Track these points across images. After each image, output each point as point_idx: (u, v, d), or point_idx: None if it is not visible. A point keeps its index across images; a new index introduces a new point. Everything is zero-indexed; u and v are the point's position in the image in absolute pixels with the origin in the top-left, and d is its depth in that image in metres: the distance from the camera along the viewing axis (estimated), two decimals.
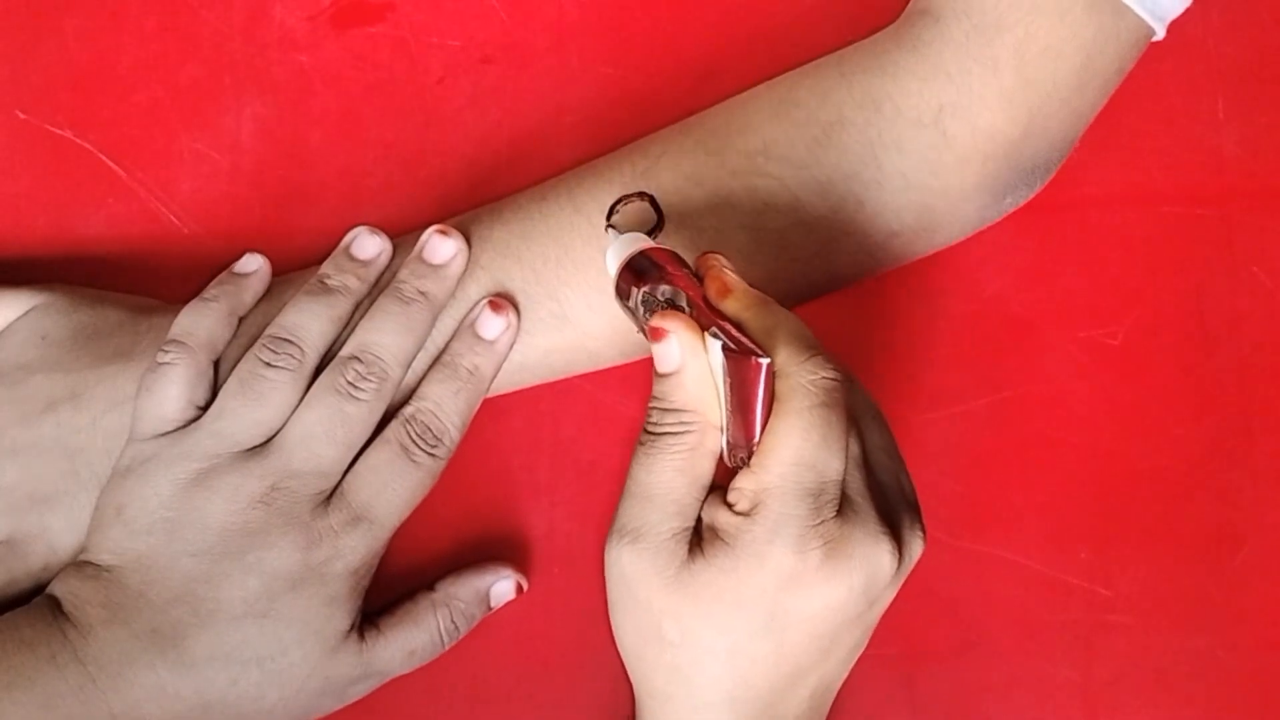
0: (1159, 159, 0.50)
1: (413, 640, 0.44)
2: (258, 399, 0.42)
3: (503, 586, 0.46)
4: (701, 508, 0.38)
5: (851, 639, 0.39)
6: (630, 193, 0.42)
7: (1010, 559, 0.49)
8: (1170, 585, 0.49)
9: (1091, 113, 0.46)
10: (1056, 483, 0.49)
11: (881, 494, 0.39)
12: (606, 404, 0.49)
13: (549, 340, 0.45)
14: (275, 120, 0.50)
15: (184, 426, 0.42)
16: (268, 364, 0.42)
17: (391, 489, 0.42)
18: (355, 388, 0.42)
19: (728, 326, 0.36)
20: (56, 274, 0.49)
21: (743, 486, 0.37)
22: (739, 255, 0.44)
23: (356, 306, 0.44)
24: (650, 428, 0.38)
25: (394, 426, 0.43)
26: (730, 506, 0.37)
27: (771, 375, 0.36)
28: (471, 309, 0.44)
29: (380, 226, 0.49)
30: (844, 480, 0.37)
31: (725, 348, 0.35)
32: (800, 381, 0.36)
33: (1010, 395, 0.50)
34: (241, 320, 0.44)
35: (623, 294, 0.40)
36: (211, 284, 0.45)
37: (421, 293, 0.43)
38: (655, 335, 0.37)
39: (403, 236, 0.46)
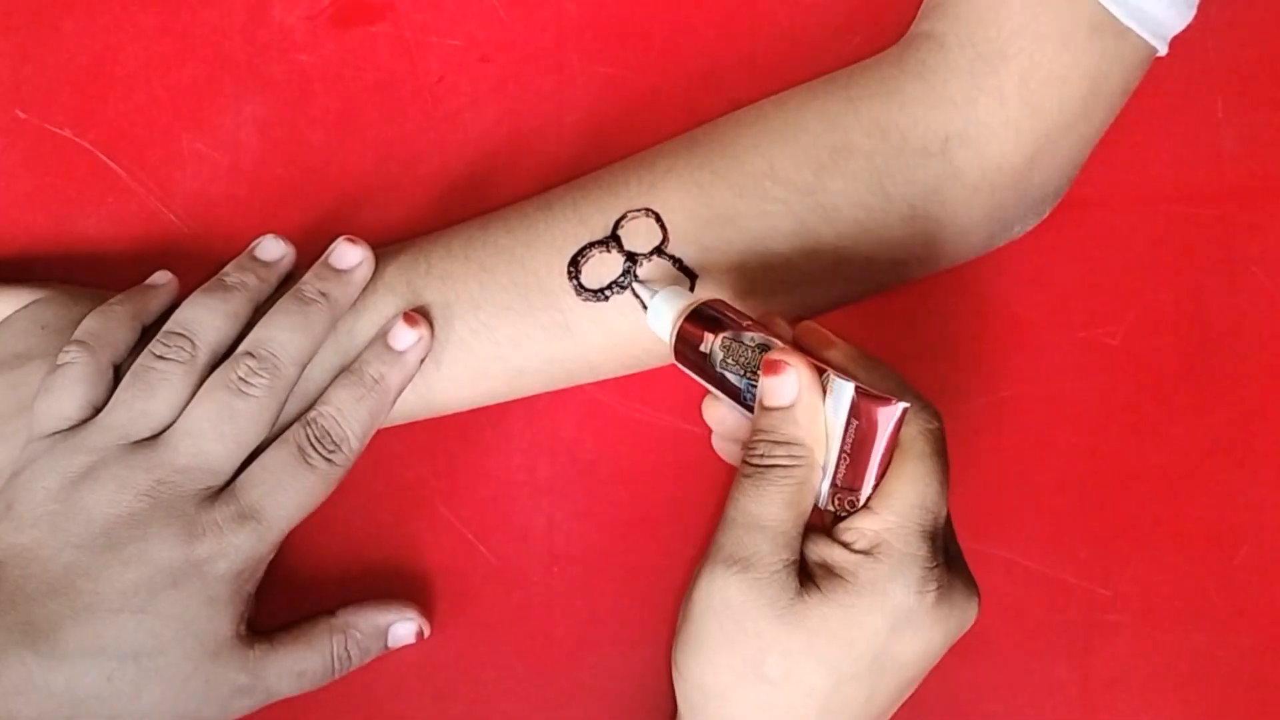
0: (1158, 159, 0.50)
1: (304, 661, 0.44)
2: (147, 390, 0.42)
3: (403, 628, 0.46)
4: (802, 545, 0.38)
5: (917, 684, 0.39)
6: (636, 208, 0.42)
7: (1009, 559, 0.49)
8: (1169, 585, 0.49)
9: (1097, 136, 0.46)
10: (1056, 482, 0.49)
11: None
12: (606, 404, 0.49)
13: (550, 349, 0.44)
14: (275, 120, 0.50)
15: (80, 425, 0.42)
16: (159, 356, 0.42)
17: (283, 490, 0.42)
18: (246, 383, 0.42)
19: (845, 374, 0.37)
20: (56, 273, 0.49)
21: (862, 526, 0.37)
22: (742, 278, 0.44)
23: (256, 308, 0.44)
24: (756, 460, 0.38)
25: (294, 429, 0.43)
26: (846, 545, 0.37)
27: (903, 420, 0.36)
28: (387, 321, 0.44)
29: (380, 226, 0.49)
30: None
31: (859, 390, 0.36)
32: (920, 429, 0.37)
33: (1010, 395, 0.50)
34: (148, 329, 0.44)
35: (690, 343, 0.40)
36: (121, 293, 0.45)
37: (323, 294, 0.43)
38: (773, 369, 0.37)
39: (383, 247, 0.46)
